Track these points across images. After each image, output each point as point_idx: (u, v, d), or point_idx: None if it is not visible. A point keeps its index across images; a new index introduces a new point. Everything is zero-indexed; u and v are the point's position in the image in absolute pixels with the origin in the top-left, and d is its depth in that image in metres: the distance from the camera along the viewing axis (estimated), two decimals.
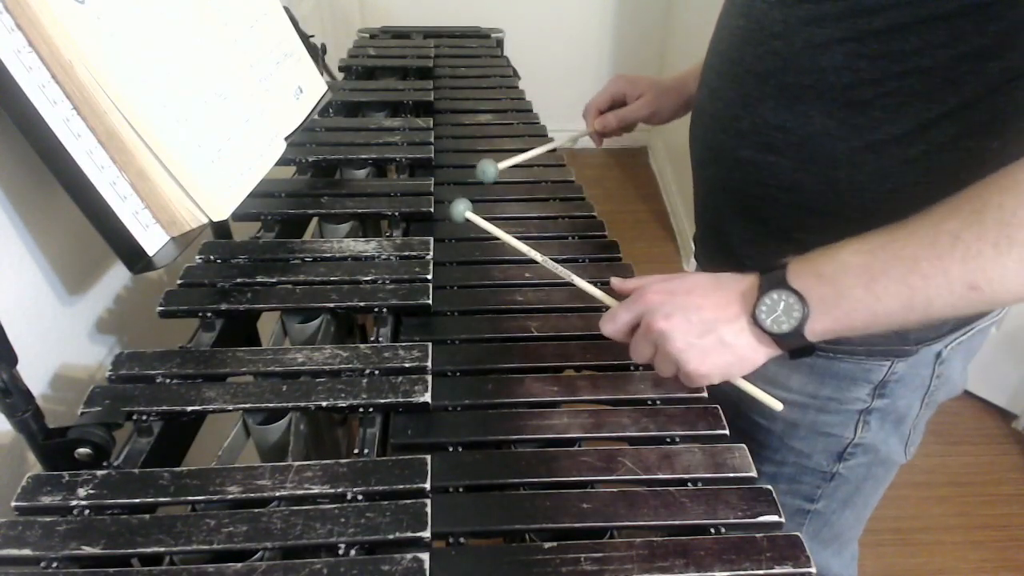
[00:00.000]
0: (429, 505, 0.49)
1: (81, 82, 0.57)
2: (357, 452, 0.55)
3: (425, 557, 0.45)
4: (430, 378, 0.59)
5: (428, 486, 0.50)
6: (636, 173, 2.84)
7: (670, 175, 2.63)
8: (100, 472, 0.51)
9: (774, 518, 0.50)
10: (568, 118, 0.94)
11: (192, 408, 0.56)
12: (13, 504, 0.49)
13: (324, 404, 0.57)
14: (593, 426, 0.57)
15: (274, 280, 0.69)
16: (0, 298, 0.60)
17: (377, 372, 0.60)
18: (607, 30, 2.83)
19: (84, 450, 0.52)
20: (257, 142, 0.74)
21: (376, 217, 0.85)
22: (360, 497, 0.50)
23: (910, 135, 0.57)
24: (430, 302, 0.68)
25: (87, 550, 0.46)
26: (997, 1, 0.50)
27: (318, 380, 0.59)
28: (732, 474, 0.53)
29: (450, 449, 0.55)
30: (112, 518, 0.48)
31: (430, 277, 0.71)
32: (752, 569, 0.46)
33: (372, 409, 0.57)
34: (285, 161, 0.85)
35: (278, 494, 0.50)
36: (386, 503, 0.49)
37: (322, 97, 0.92)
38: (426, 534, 0.47)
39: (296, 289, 0.69)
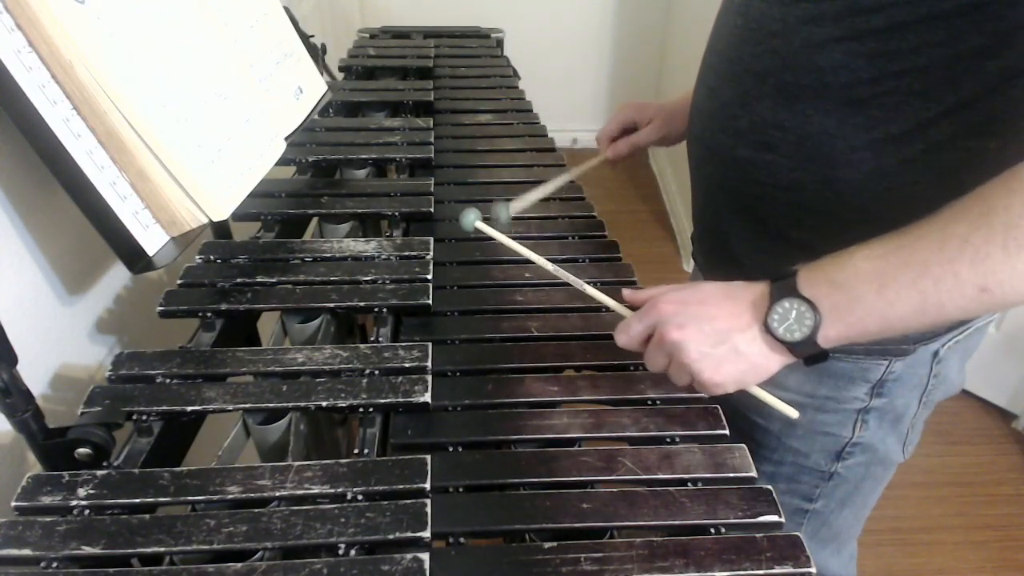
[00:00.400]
0: (429, 505, 0.49)
1: (81, 82, 0.57)
2: (357, 452, 0.55)
3: (425, 557, 0.45)
4: (430, 378, 0.59)
5: (428, 486, 0.50)
6: (636, 173, 2.84)
7: (670, 175, 2.63)
8: (100, 472, 0.51)
9: (774, 518, 0.50)
10: (568, 118, 0.94)
11: (192, 408, 0.56)
12: (13, 504, 0.49)
13: (324, 404, 0.57)
14: (593, 426, 0.57)
15: (274, 280, 0.69)
16: (0, 298, 0.60)
17: (377, 372, 0.60)
18: (607, 30, 2.82)
19: (84, 450, 0.52)
20: (257, 142, 0.75)
21: (376, 217, 0.85)
22: (360, 497, 0.50)
23: (908, 134, 0.57)
24: (430, 302, 0.68)
25: (87, 550, 0.46)
26: (995, 0, 0.50)
27: (318, 380, 0.59)
28: (732, 474, 0.53)
29: (450, 449, 0.55)
30: (112, 518, 0.48)
31: (430, 277, 0.71)
32: (752, 569, 0.46)
33: (372, 409, 0.57)
34: (285, 161, 0.85)
35: (278, 494, 0.50)
36: (386, 503, 0.49)
37: (322, 97, 0.92)
38: (426, 534, 0.47)
39: (296, 289, 0.69)
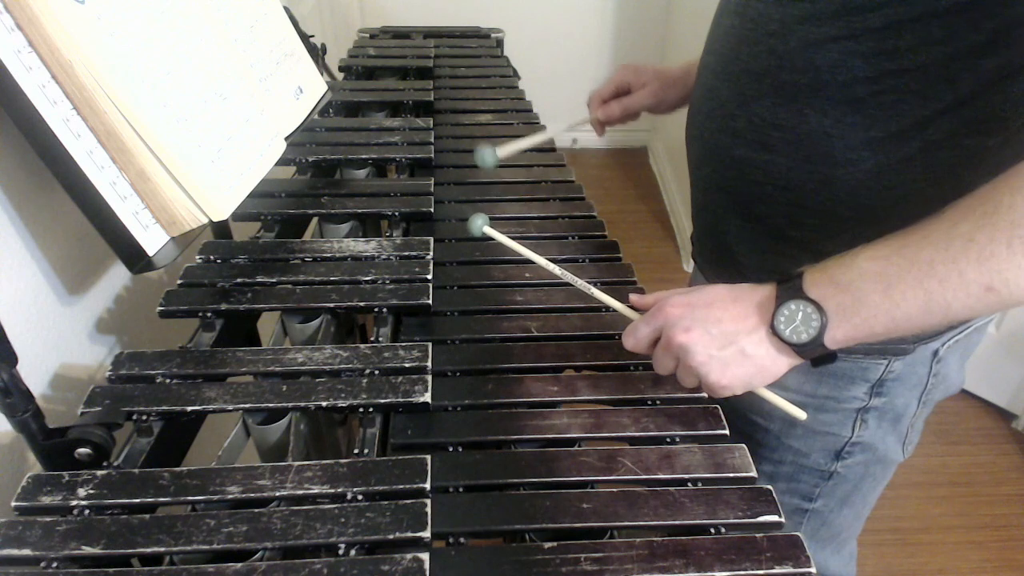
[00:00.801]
0: (429, 505, 0.49)
1: (81, 82, 0.57)
2: (357, 452, 0.55)
3: (425, 557, 0.45)
4: (430, 378, 0.59)
5: (428, 486, 0.50)
6: (636, 173, 2.84)
7: (670, 175, 2.63)
8: (100, 472, 0.51)
9: (774, 518, 0.50)
10: (568, 118, 0.94)
11: (192, 408, 0.56)
12: (13, 504, 0.49)
13: (324, 404, 0.57)
14: (593, 426, 0.57)
15: (274, 280, 0.69)
16: (0, 298, 0.60)
17: (377, 372, 0.60)
18: (607, 30, 2.83)
19: (84, 450, 0.52)
20: (257, 142, 0.75)
21: (376, 217, 0.85)
22: (360, 497, 0.50)
23: (906, 132, 0.57)
24: (430, 302, 0.68)
25: (87, 550, 0.46)
26: None
27: (318, 380, 0.59)
28: (732, 474, 0.53)
29: (450, 449, 0.55)
30: (112, 518, 0.48)
31: (430, 277, 0.71)
32: (752, 569, 0.46)
33: (372, 409, 0.57)
34: (285, 161, 0.85)
35: (278, 494, 0.50)
36: (386, 503, 0.49)
37: (322, 97, 0.92)
38: (426, 534, 0.47)
39: (296, 289, 0.69)
